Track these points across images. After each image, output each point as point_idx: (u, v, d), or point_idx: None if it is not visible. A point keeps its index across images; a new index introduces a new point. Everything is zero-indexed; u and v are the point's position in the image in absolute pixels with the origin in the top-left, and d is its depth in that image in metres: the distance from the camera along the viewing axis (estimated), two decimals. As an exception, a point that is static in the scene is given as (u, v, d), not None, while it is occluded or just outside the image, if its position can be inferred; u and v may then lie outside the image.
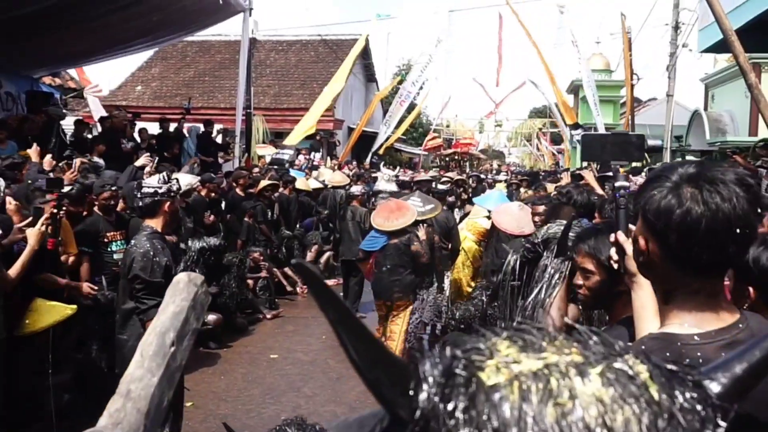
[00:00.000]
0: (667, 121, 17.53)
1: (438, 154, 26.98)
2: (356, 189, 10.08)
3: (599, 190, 5.64)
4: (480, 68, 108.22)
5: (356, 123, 22.67)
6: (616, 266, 1.74)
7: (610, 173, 2.15)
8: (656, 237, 1.30)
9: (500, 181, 15.28)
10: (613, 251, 1.75)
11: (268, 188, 10.05)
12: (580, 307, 2.39)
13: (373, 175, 16.01)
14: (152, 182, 4.00)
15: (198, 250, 7.13)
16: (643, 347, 1.31)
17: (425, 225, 6.50)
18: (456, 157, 26.80)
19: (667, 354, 1.25)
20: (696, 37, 15.31)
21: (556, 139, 40.00)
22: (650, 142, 1.87)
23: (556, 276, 2.50)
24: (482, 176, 18.96)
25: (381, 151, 23.45)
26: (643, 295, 1.60)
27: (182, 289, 1.11)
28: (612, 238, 1.74)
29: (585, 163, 9.05)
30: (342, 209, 10.34)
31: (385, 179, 14.11)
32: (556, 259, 2.56)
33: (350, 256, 8.79)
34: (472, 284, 6.89)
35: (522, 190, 14.32)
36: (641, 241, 1.33)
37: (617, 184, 1.85)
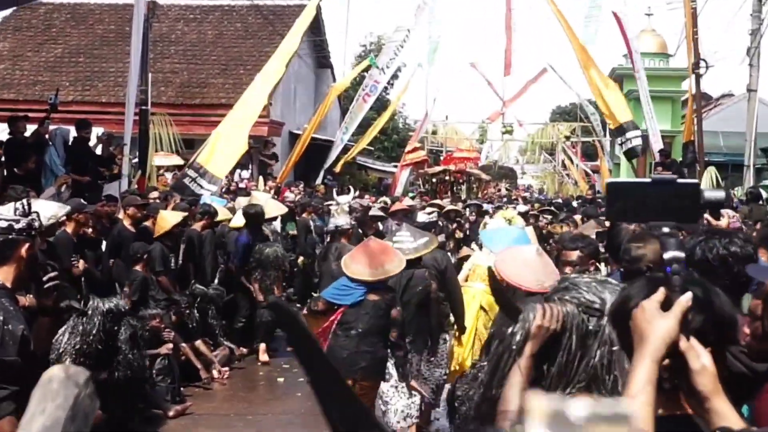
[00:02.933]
0: (749, 127, 18.01)
1: (421, 173, 27.17)
2: (343, 221, 10.40)
3: None
4: (481, 51, 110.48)
5: (302, 127, 22.74)
6: (666, 384, 1.72)
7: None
8: None
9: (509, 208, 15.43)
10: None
11: (180, 223, 10.08)
12: None
13: (327, 204, 16.05)
14: (5, 212, 3.93)
15: (103, 314, 7.02)
16: None
17: (427, 272, 6.98)
18: (447, 178, 27.03)
19: None
20: (788, 10, 15.86)
21: (590, 152, 40.82)
22: (708, 195, 1.83)
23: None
24: (485, 204, 19.14)
25: (338, 168, 23.58)
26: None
27: (56, 392, 1.06)
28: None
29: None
30: (324, 247, 10.95)
31: (343, 210, 14.19)
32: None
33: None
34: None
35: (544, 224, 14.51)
36: None
37: (667, 255, 1.76)
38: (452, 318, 7.68)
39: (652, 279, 1.87)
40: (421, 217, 10.41)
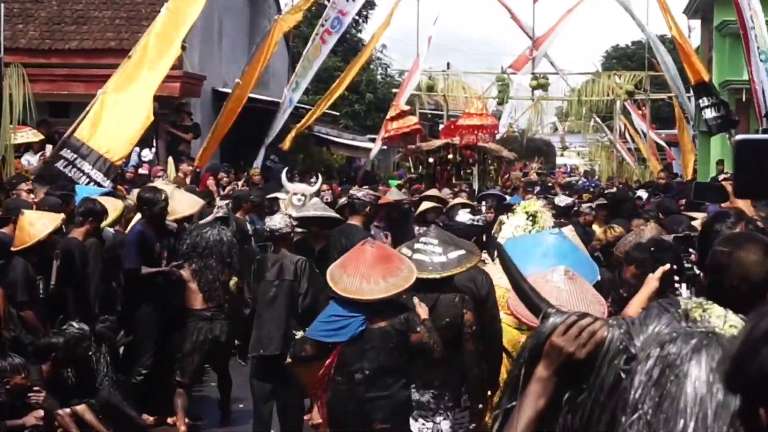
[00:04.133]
0: None
1: (411, 149, 27.13)
2: (279, 221, 10.35)
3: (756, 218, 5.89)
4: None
5: (230, 83, 22.73)
6: None
7: None
8: None
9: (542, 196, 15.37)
10: None
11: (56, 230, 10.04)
12: None
13: (271, 196, 16.06)
14: None
15: None
16: None
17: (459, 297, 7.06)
18: (450, 156, 27.01)
19: None
20: None
21: (664, 116, 40.87)
22: None
23: None
24: (506, 194, 19.18)
25: (286, 145, 23.52)
26: None
27: None
28: None
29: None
30: (257, 262, 10.83)
31: (292, 204, 14.13)
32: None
33: (271, 349, 9.89)
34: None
35: (597, 227, 14.60)
36: None
37: None
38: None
39: None
40: (462, 216, 10.12)
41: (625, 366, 2.53)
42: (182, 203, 12.47)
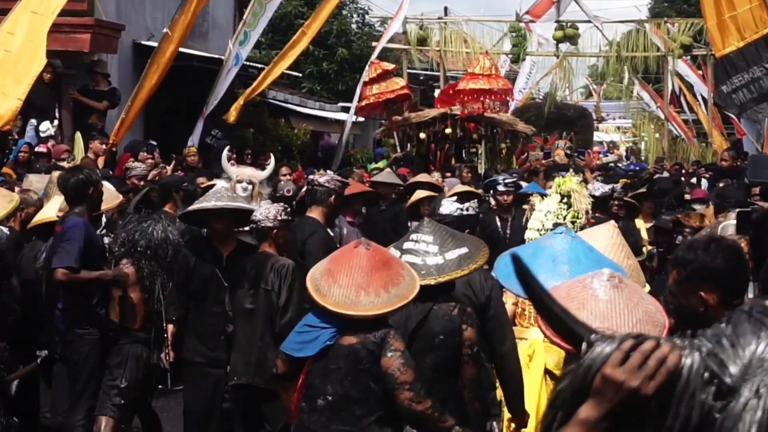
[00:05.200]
0: None
1: (396, 120, 27.17)
2: (262, 212, 10.29)
3: None
4: None
5: (157, 35, 22.74)
6: None
7: None
8: None
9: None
10: None
11: None
12: None
13: (209, 184, 16.14)
14: None
15: None
16: None
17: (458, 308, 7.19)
18: (448, 131, 27.07)
19: None
20: None
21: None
22: None
23: None
24: (522, 181, 19.28)
25: (232, 116, 23.57)
26: None
27: None
28: None
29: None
30: (237, 266, 10.75)
31: (232, 194, 14.22)
32: None
33: (241, 376, 9.92)
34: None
35: (641, 222, 14.68)
36: None
37: None
38: (500, 392, 7.90)
39: None
40: (447, 207, 10.13)
41: (716, 402, 2.47)
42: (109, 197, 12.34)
